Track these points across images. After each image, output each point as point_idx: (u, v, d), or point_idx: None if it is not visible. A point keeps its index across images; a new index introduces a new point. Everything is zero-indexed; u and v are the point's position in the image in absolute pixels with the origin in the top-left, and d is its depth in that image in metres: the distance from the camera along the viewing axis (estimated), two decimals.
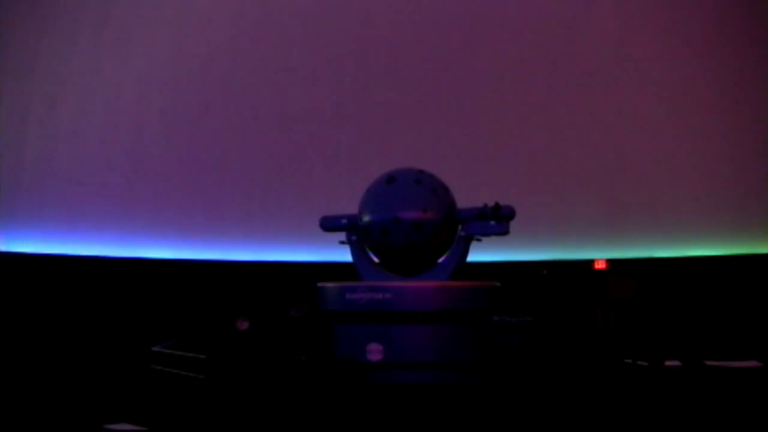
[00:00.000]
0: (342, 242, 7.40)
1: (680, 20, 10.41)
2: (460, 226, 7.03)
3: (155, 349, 7.19)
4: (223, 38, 11.36)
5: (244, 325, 7.54)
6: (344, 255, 7.55)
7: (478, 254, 7.41)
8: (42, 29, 11.10)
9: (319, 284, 7.03)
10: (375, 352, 6.32)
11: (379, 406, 5.55)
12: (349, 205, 7.45)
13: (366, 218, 7.07)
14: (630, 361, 6.95)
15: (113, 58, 11.33)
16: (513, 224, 6.85)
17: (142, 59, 11.33)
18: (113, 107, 11.19)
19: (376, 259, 7.37)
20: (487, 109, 10.78)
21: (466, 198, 7.19)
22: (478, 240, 7.04)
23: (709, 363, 7.13)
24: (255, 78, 11.24)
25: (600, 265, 9.32)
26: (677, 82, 10.32)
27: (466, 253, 7.03)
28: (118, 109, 11.20)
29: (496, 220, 6.74)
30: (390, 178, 7.11)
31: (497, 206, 6.67)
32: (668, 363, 6.97)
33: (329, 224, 7.44)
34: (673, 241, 9.87)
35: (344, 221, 7.28)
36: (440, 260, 7.17)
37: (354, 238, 7.27)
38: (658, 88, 10.39)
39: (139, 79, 11.28)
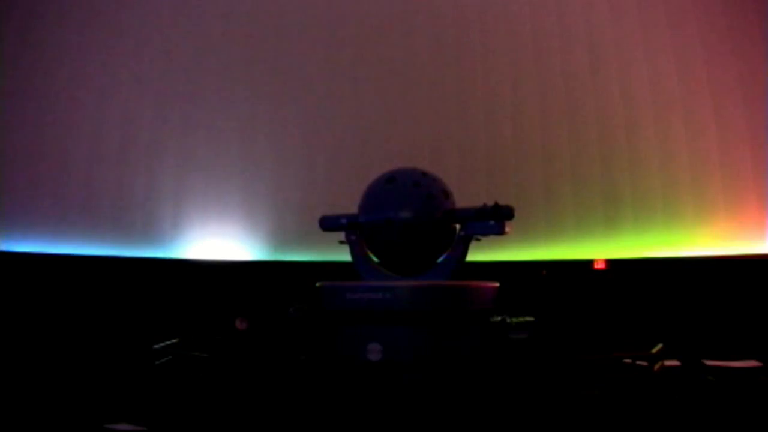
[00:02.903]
0: (341, 242, 7.39)
1: (680, 14, 10.39)
2: (458, 226, 7.02)
3: (155, 348, 7.18)
4: (217, 36, 11.36)
5: (243, 325, 7.53)
6: (344, 255, 7.55)
7: (477, 254, 7.41)
8: (30, 24, 11.12)
9: (319, 284, 7.03)
10: (375, 352, 6.31)
11: (379, 406, 5.54)
12: (349, 205, 7.44)
13: (362, 217, 7.07)
14: (629, 361, 6.95)
15: (105, 53, 11.33)
16: (512, 224, 6.84)
17: (134, 54, 11.33)
18: (105, 103, 11.19)
19: (375, 259, 7.36)
20: (486, 109, 10.78)
21: (464, 198, 7.19)
22: (477, 240, 7.03)
23: (708, 363, 7.13)
24: (253, 76, 11.24)
25: (599, 265, 9.32)
26: (675, 83, 10.32)
27: (465, 253, 7.01)
28: (111, 105, 11.20)
29: (495, 220, 6.73)
30: (390, 178, 7.10)
31: (496, 206, 6.66)
32: (668, 363, 6.96)
33: (328, 224, 7.42)
34: (672, 241, 9.89)
35: (344, 221, 7.26)
36: (439, 260, 7.16)
37: (353, 237, 7.25)
38: (657, 90, 10.40)
39: (132, 75, 11.28)
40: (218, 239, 10.92)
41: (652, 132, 10.33)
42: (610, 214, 10.20)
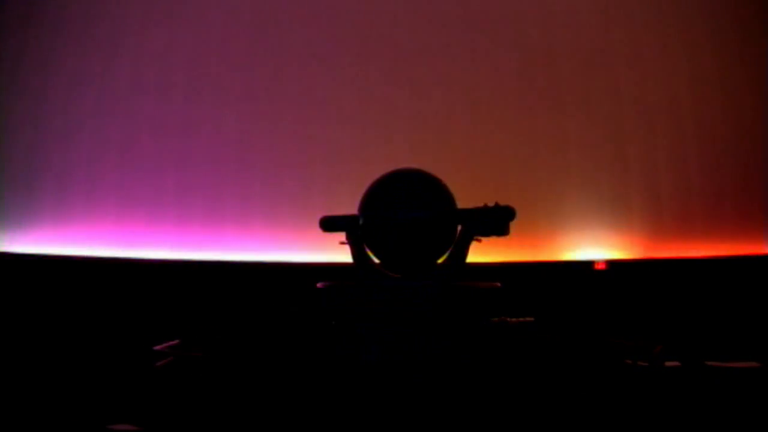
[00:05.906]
0: (342, 243, 7.39)
1: (685, 13, 10.37)
2: (459, 227, 7.02)
3: (155, 349, 7.18)
4: (217, 34, 11.34)
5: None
6: (344, 256, 7.55)
7: (478, 255, 7.40)
8: (28, 21, 11.12)
9: (319, 284, 7.03)
10: (374, 352, 6.31)
11: (379, 407, 5.54)
12: (349, 205, 7.44)
13: (363, 218, 7.07)
14: (630, 361, 6.94)
15: (103, 52, 11.31)
16: (513, 225, 6.84)
17: (133, 53, 11.30)
18: (105, 102, 11.18)
19: (376, 260, 7.36)
20: (486, 108, 10.77)
21: (465, 198, 7.19)
22: (478, 241, 7.03)
23: (709, 363, 7.13)
24: (251, 76, 11.23)
25: (600, 266, 9.32)
26: (680, 80, 10.31)
27: (465, 254, 7.01)
28: (110, 104, 11.19)
29: (497, 221, 6.72)
30: (389, 178, 7.10)
31: (497, 206, 6.66)
32: (668, 363, 6.97)
33: (329, 224, 7.42)
34: (673, 242, 9.89)
35: (344, 221, 7.27)
36: (440, 261, 7.16)
37: (354, 238, 7.26)
38: (660, 87, 10.38)
39: (130, 75, 11.25)
40: (218, 240, 10.90)
41: (657, 129, 10.30)
42: (612, 213, 10.19)
